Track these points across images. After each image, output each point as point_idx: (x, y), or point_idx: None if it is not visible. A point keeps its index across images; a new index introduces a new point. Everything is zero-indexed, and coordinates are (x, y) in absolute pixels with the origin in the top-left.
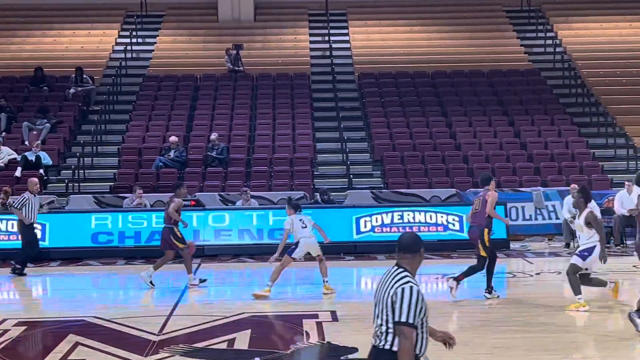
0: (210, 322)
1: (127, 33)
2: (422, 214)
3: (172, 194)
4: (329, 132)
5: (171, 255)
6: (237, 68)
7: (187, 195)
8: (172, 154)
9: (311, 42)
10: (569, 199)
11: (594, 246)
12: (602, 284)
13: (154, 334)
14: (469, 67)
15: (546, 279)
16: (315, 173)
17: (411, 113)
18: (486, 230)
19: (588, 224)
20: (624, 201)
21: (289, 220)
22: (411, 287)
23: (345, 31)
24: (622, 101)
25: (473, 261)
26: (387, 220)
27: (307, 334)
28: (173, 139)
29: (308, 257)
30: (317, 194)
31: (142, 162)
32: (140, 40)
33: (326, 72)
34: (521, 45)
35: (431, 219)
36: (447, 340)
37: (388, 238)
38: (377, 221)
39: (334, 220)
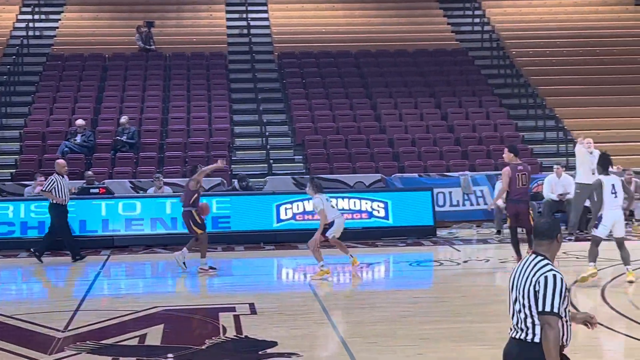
0: (120, 317)
1: (29, 9)
2: (346, 200)
3: (190, 176)
4: (247, 115)
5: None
6: (148, 47)
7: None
8: (78, 138)
9: (228, 19)
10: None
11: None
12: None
13: (59, 331)
14: (394, 47)
15: (474, 267)
16: (233, 158)
17: (334, 95)
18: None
19: None
20: (553, 186)
21: (319, 200)
22: (554, 275)
23: (264, 8)
24: (552, 82)
25: (401, 249)
26: (309, 208)
27: (224, 328)
28: (80, 122)
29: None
30: (235, 180)
31: (46, 148)
32: (43, 16)
33: (244, 51)
34: (448, 24)
35: (355, 206)
36: (589, 320)
37: (310, 226)
38: (298, 208)
39: (253, 207)
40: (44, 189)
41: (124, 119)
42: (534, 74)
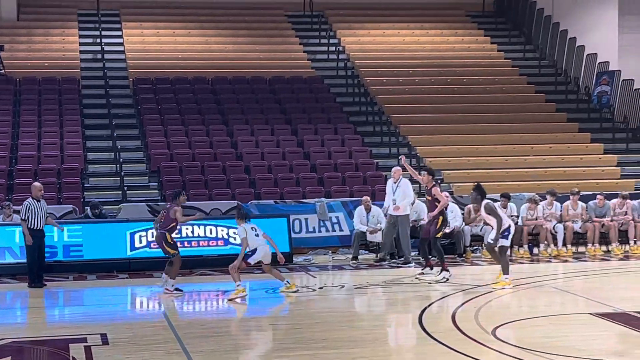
0: None
1: None
2: (202, 227)
3: (171, 202)
4: (101, 141)
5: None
6: None
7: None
8: None
9: (81, 44)
10: (360, 210)
11: (509, 226)
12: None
13: None
14: (250, 74)
15: (330, 293)
16: (85, 185)
17: (190, 121)
18: None
19: (488, 213)
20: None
21: (242, 228)
22: None
23: (118, 33)
24: (405, 110)
25: (258, 275)
26: None
27: (74, 359)
28: None
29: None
30: (88, 207)
31: None
32: None
33: (98, 76)
34: (304, 52)
35: (211, 233)
36: None
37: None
38: (153, 236)
39: (106, 236)
40: (22, 218)
41: None
42: (388, 102)
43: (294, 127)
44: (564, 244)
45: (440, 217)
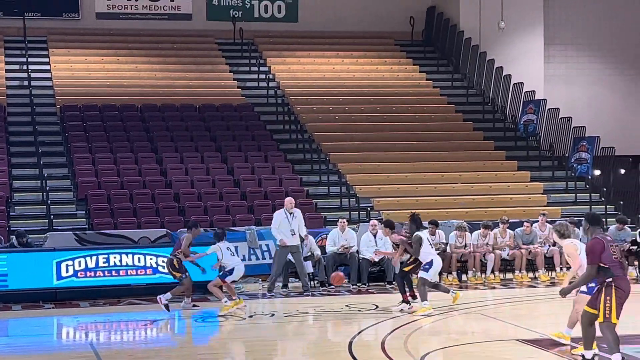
0: None
1: None
2: (130, 256)
3: (188, 231)
4: (27, 169)
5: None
6: None
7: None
8: None
9: (7, 70)
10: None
11: (431, 260)
12: (446, 290)
13: None
14: (180, 101)
15: (260, 321)
16: (11, 214)
17: (119, 149)
18: None
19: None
20: (336, 239)
21: (217, 247)
22: None
23: (45, 60)
24: (335, 138)
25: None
26: (91, 264)
27: None
28: None
29: None
30: (13, 236)
31: None
32: None
33: (24, 103)
34: (234, 80)
35: (140, 262)
36: None
37: (92, 283)
38: (80, 265)
39: (32, 265)
40: None
41: None
42: (318, 129)
43: (224, 155)
44: (492, 271)
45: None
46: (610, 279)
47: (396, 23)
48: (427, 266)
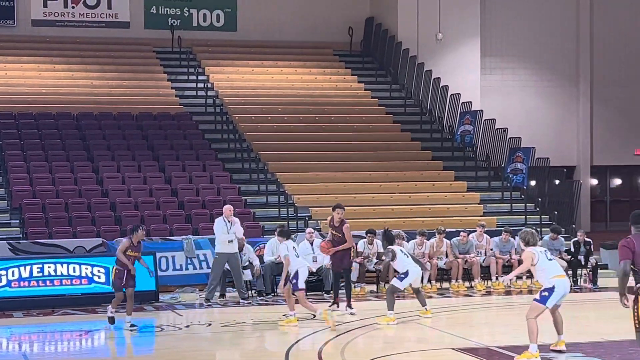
0: None
1: None
2: (65, 265)
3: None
4: None
5: (121, 296)
6: None
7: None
8: None
9: None
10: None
11: (407, 270)
12: (423, 302)
13: None
14: (117, 109)
15: (197, 332)
16: None
17: (54, 157)
18: None
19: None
20: (274, 249)
21: (284, 246)
22: None
23: None
24: (274, 147)
25: (122, 314)
26: (25, 274)
27: None
28: None
29: None
30: None
31: None
32: None
33: None
34: (172, 88)
35: (75, 272)
36: None
37: (27, 293)
38: (13, 275)
39: None
40: None
41: None
42: (257, 139)
43: (162, 164)
44: (429, 280)
45: (352, 251)
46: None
47: (335, 33)
48: (402, 275)
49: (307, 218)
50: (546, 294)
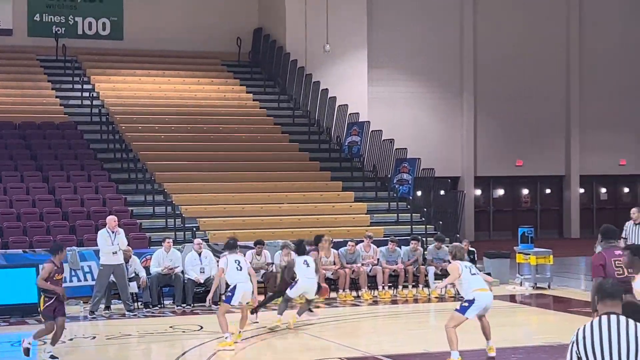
0: None
1: None
2: None
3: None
4: None
5: (51, 327)
6: None
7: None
8: None
9: None
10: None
11: (297, 280)
12: (300, 312)
13: None
14: None
15: (80, 345)
16: None
17: None
18: None
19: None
20: (161, 260)
21: (224, 259)
22: None
23: None
24: (161, 157)
25: (4, 328)
26: None
27: None
28: None
29: None
30: None
31: None
32: None
33: None
34: (56, 97)
35: None
36: None
37: None
38: None
39: None
40: None
41: None
42: (143, 149)
43: (45, 174)
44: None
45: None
46: None
47: (223, 43)
48: (293, 284)
49: (194, 229)
50: (466, 304)
